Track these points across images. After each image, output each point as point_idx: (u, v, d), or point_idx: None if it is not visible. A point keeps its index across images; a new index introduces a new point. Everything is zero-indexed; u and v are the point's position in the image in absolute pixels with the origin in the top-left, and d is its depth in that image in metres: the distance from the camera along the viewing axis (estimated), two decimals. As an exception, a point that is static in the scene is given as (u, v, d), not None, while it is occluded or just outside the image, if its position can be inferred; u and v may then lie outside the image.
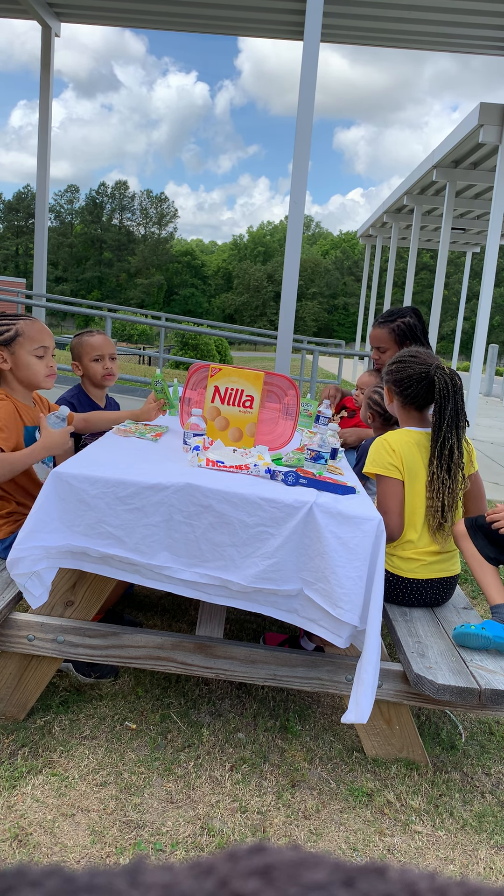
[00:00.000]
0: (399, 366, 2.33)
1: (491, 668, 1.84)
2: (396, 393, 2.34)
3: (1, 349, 2.18)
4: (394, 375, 2.33)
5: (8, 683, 1.94)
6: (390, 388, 2.36)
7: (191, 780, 1.78)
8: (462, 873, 1.59)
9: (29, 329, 2.20)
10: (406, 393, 2.31)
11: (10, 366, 2.19)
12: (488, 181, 10.93)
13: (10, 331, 2.18)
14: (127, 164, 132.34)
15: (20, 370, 2.20)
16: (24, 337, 2.18)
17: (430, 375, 2.25)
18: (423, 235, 17.62)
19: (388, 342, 2.96)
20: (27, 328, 2.20)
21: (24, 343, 2.18)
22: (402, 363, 2.33)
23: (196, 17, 7.38)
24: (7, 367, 2.19)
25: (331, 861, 0.26)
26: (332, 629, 1.80)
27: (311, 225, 75.35)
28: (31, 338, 2.19)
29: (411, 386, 2.28)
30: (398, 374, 2.31)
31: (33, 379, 2.22)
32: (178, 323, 14.05)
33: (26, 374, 2.21)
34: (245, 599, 1.83)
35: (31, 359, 2.19)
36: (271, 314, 58.47)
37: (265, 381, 2.29)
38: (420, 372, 2.27)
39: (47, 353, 2.24)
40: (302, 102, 5.54)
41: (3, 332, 2.18)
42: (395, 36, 7.51)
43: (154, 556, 1.79)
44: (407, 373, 2.29)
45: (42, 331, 2.23)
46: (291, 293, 5.79)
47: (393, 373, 2.34)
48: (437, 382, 2.22)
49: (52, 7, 7.67)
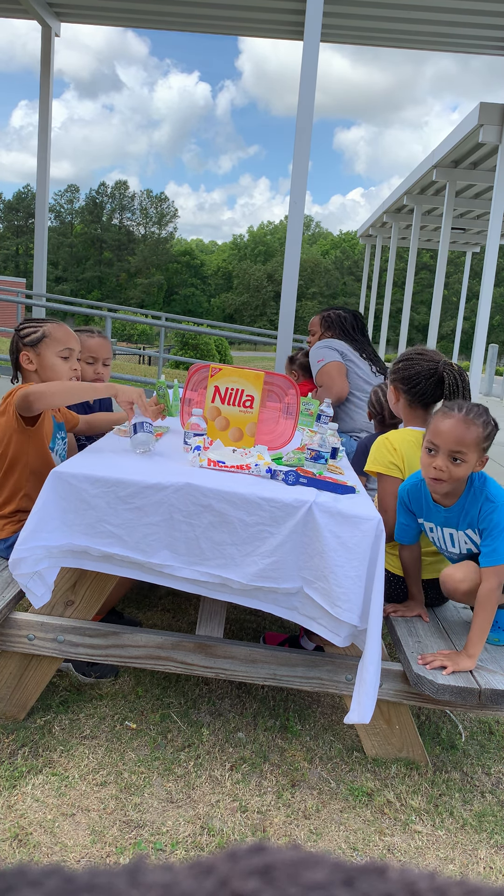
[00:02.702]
0: (406, 363, 2.30)
1: (491, 668, 1.84)
2: (404, 391, 2.31)
3: (27, 350, 2.21)
4: (401, 373, 2.31)
5: (8, 683, 1.94)
6: (397, 387, 2.34)
7: (191, 779, 1.78)
8: (462, 873, 1.59)
9: (56, 331, 2.24)
10: (414, 390, 2.28)
11: (36, 367, 2.22)
12: (488, 181, 10.92)
13: (38, 332, 2.21)
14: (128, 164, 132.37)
15: (45, 371, 2.22)
16: (50, 338, 2.21)
17: (439, 372, 2.24)
18: (423, 235, 17.61)
19: (315, 327, 3.75)
20: (54, 330, 2.24)
21: (51, 344, 2.21)
22: (410, 360, 2.31)
23: (195, 17, 7.38)
24: (32, 368, 2.22)
25: (331, 861, 0.26)
26: (331, 627, 1.80)
27: (311, 225, 75.32)
28: (57, 339, 2.22)
29: (420, 383, 2.26)
30: (406, 372, 2.29)
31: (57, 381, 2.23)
32: (178, 323, 14.05)
33: (50, 375, 2.22)
34: (245, 596, 1.84)
35: (57, 360, 2.22)
36: (271, 314, 58.44)
37: (265, 380, 2.29)
38: (429, 369, 2.26)
39: (72, 356, 2.26)
40: (302, 102, 5.54)
41: (31, 333, 2.21)
42: (396, 36, 7.50)
43: (154, 554, 1.80)
44: (415, 370, 2.27)
45: (68, 334, 2.27)
46: (291, 293, 5.79)
47: (400, 370, 2.32)
48: (446, 378, 2.22)
49: (51, 7, 7.67)
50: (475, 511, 1.94)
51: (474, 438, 1.85)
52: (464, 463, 1.86)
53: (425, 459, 1.91)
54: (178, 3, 7.06)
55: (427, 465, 1.90)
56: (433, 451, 1.89)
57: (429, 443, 1.90)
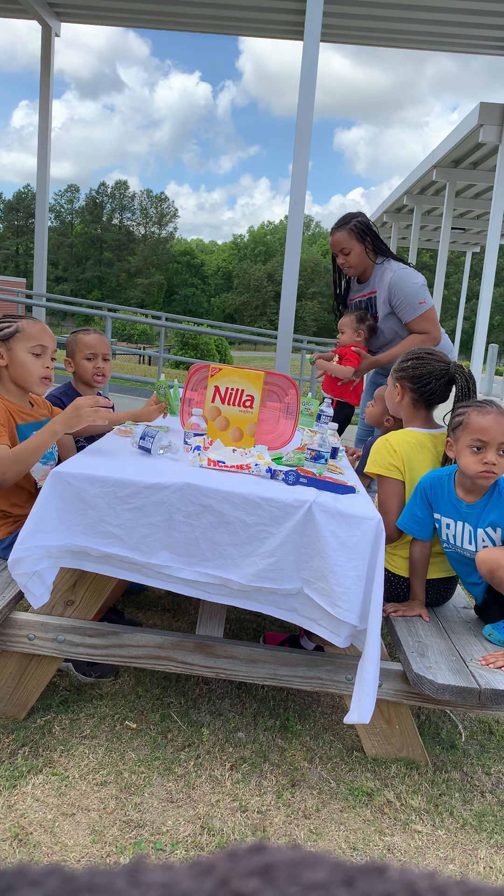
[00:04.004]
0: (417, 362, 2.28)
1: (492, 668, 1.84)
2: (411, 389, 2.29)
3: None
4: (410, 372, 2.28)
5: (8, 683, 1.94)
6: (404, 385, 2.31)
7: (191, 779, 1.78)
8: (462, 872, 1.59)
9: (29, 327, 2.20)
10: (424, 390, 2.27)
11: (6, 362, 2.18)
12: (488, 181, 10.92)
13: (11, 327, 2.18)
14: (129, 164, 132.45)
15: (15, 367, 2.18)
16: (23, 334, 2.18)
17: (451, 373, 2.24)
18: (423, 235, 17.60)
19: (349, 241, 3.15)
20: (28, 326, 2.20)
21: (23, 339, 2.17)
22: (420, 360, 2.28)
23: (195, 17, 7.38)
24: (3, 364, 2.18)
25: (331, 860, 0.26)
26: (331, 628, 1.80)
27: (311, 225, 75.29)
28: (29, 335, 2.19)
29: (430, 383, 2.25)
30: (416, 371, 2.27)
31: (27, 378, 2.20)
32: (178, 323, 14.04)
33: (21, 372, 2.19)
34: (245, 598, 1.83)
35: (28, 357, 2.18)
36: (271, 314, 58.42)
37: (265, 380, 2.29)
38: (440, 369, 2.24)
39: (45, 354, 2.21)
40: (302, 102, 5.54)
41: (4, 328, 2.18)
42: (396, 36, 7.50)
43: (154, 555, 1.80)
44: (427, 369, 2.25)
45: (43, 331, 2.23)
46: (291, 293, 5.79)
47: (409, 369, 2.29)
48: (458, 380, 2.21)
49: (51, 7, 7.67)
50: (498, 511, 2.00)
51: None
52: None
53: (471, 457, 1.97)
54: (177, 3, 7.06)
55: (476, 461, 1.96)
56: (481, 448, 1.96)
57: (475, 441, 1.96)
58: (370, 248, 3.16)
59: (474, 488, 2.03)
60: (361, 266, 3.21)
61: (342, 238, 3.14)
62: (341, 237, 3.14)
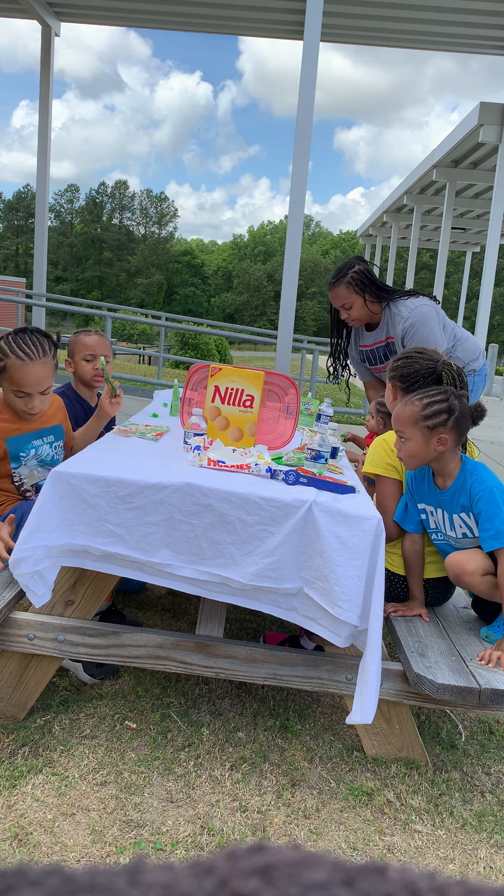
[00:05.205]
0: (406, 361, 2.30)
1: (491, 668, 1.84)
2: (402, 389, 2.31)
3: None
4: (399, 371, 2.31)
5: (8, 683, 1.94)
6: (395, 385, 2.33)
7: (191, 779, 1.78)
8: (462, 872, 1.59)
9: (16, 371, 2.10)
10: (412, 389, 2.28)
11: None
12: (488, 181, 10.93)
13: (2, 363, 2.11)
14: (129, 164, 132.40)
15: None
16: (7, 375, 2.12)
17: (438, 371, 2.24)
18: (422, 235, 17.61)
19: (349, 296, 2.95)
20: (15, 369, 2.09)
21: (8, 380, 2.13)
22: (409, 359, 2.30)
23: (195, 17, 7.38)
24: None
25: (331, 860, 0.26)
26: (331, 628, 1.80)
27: (311, 224, 75.32)
28: (14, 381, 2.11)
29: (418, 381, 2.26)
30: (405, 370, 2.29)
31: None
32: (178, 322, 14.04)
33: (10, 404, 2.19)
34: (245, 597, 1.84)
35: (10, 396, 2.16)
36: (271, 314, 58.41)
37: (265, 380, 2.29)
38: (427, 367, 2.25)
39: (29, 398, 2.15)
40: (302, 102, 5.54)
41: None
42: (396, 36, 7.51)
43: (155, 553, 1.80)
44: (414, 368, 2.27)
45: (26, 377, 2.10)
46: (291, 293, 5.79)
47: (398, 368, 2.31)
48: (444, 378, 2.21)
49: (51, 7, 7.67)
50: (466, 496, 2.04)
51: (408, 416, 2.00)
52: (409, 440, 2.01)
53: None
54: (177, 2, 7.06)
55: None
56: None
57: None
58: (372, 299, 2.98)
59: (443, 472, 2.08)
60: (366, 317, 3.04)
61: (342, 293, 2.98)
62: (340, 293, 2.98)
